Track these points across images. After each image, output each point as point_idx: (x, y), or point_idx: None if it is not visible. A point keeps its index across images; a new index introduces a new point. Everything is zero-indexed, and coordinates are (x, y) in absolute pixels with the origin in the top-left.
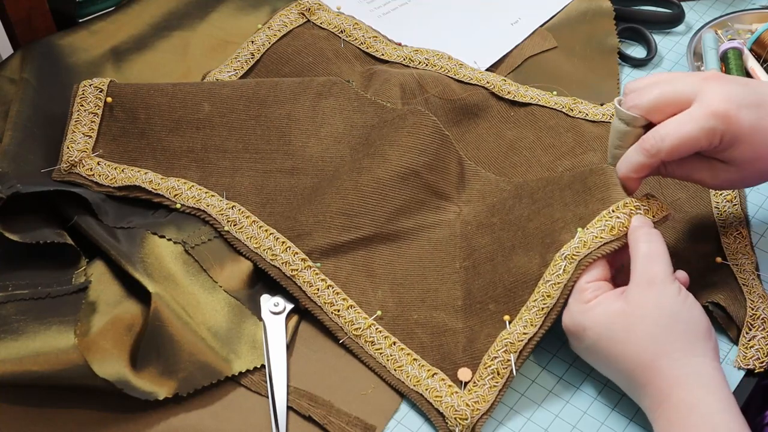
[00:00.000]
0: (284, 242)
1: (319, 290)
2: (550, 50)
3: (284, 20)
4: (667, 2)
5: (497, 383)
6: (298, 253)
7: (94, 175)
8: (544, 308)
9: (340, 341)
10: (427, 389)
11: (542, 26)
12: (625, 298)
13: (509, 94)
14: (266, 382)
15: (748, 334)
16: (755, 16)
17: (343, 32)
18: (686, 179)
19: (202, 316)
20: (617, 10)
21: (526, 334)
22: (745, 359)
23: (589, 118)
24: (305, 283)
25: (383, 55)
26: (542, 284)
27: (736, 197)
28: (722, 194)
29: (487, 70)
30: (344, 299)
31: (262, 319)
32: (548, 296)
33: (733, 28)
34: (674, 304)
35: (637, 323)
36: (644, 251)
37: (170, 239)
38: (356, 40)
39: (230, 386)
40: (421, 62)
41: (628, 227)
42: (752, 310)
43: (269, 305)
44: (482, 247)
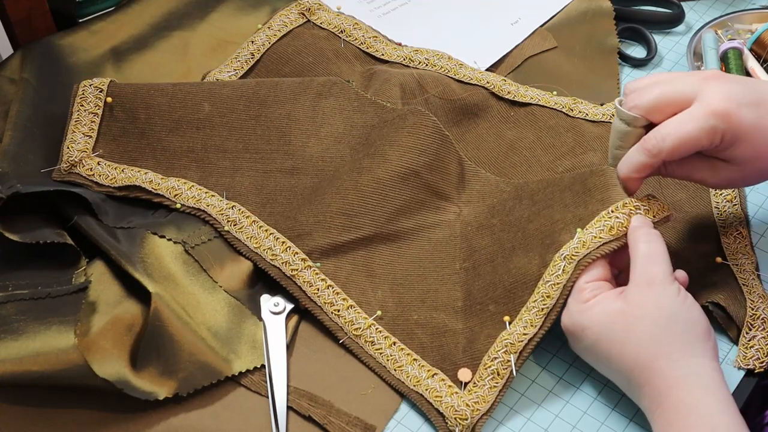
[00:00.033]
0: (284, 242)
1: (319, 290)
2: (550, 50)
3: (284, 20)
4: (667, 2)
5: (497, 384)
6: (298, 253)
7: (94, 175)
8: (543, 309)
9: (340, 341)
10: (427, 389)
11: (542, 26)
12: (624, 298)
13: (509, 94)
14: (266, 382)
15: (748, 334)
16: (755, 16)
17: (343, 32)
18: (687, 179)
19: (202, 316)
20: (617, 10)
21: (526, 334)
22: (745, 359)
23: (589, 118)
24: (305, 283)
25: (383, 55)
26: (542, 285)
27: (736, 197)
28: (722, 194)
29: (487, 70)
30: (344, 299)
31: (262, 319)
32: (548, 297)
33: (733, 28)
34: (673, 304)
35: (636, 323)
36: (644, 251)
37: (170, 239)
38: (356, 40)
39: (230, 386)
40: (421, 62)
41: (627, 227)
42: (752, 310)
43: (269, 305)
44: (482, 248)
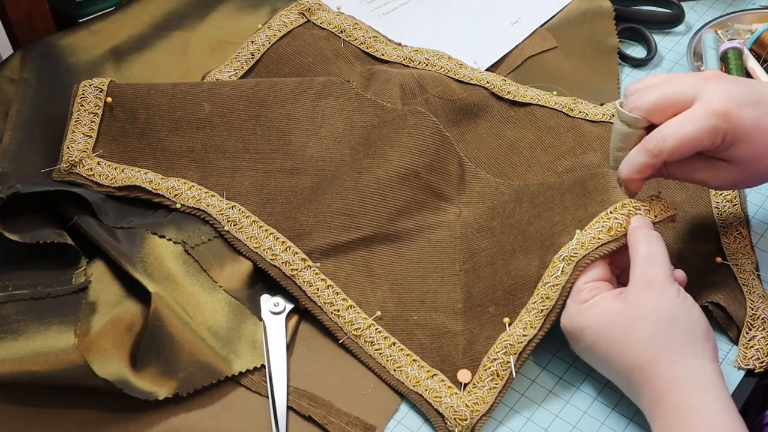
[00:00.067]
0: (284, 242)
1: (318, 290)
2: (550, 50)
3: (284, 20)
4: (667, 2)
5: (497, 385)
6: (298, 253)
7: (94, 175)
8: (543, 310)
9: (339, 341)
10: (426, 390)
11: (542, 26)
12: (623, 298)
13: (509, 94)
14: (266, 382)
15: (748, 334)
16: (755, 16)
17: (343, 32)
18: (688, 180)
19: (202, 316)
20: (617, 10)
21: (525, 336)
22: (745, 359)
23: (589, 118)
24: (305, 282)
25: (383, 55)
26: (541, 286)
27: (736, 197)
28: (722, 194)
29: (487, 70)
30: (344, 299)
31: (262, 319)
32: (547, 298)
33: (733, 28)
34: (673, 305)
35: (635, 324)
36: (644, 252)
37: (170, 239)
38: (356, 40)
39: (230, 386)
40: (421, 62)
41: (626, 228)
42: (752, 310)
43: (269, 305)
44: (482, 250)
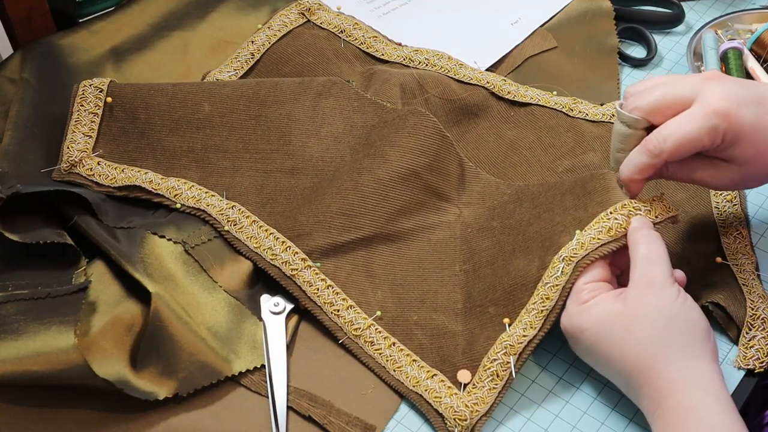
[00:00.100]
0: (284, 242)
1: (318, 290)
2: (550, 50)
3: (284, 20)
4: (667, 2)
5: (496, 385)
6: (298, 252)
7: (94, 175)
8: (543, 310)
9: (339, 341)
10: (426, 390)
11: (542, 26)
12: (623, 299)
13: (509, 94)
14: (266, 382)
15: (748, 334)
16: (755, 16)
17: (343, 32)
18: (688, 180)
19: (202, 316)
20: (617, 10)
21: (525, 336)
22: (745, 359)
23: (589, 118)
24: (305, 282)
25: (383, 55)
26: (541, 287)
27: (736, 197)
28: (722, 194)
29: (487, 70)
30: (344, 299)
31: (262, 319)
32: (547, 298)
33: (733, 28)
34: (673, 306)
35: (635, 325)
36: (644, 253)
37: (170, 239)
38: (356, 40)
39: (230, 386)
40: (421, 62)
41: (626, 228)
42: (752, 310)
43: (269, 305)
44: (483, 250)
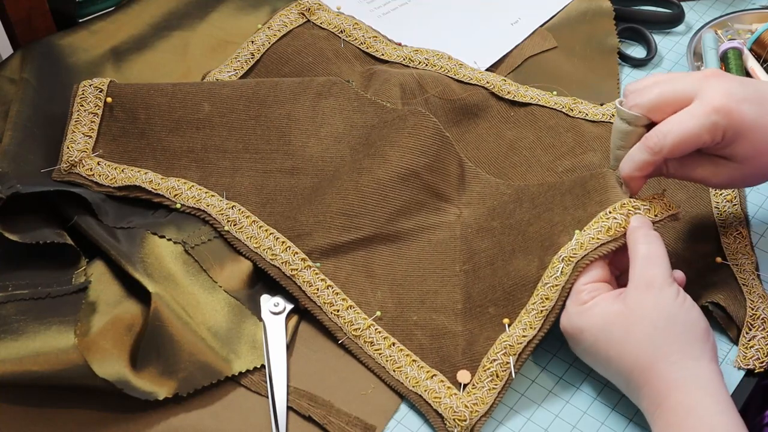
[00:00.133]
0: (284, 242)
1: (318, 290)
2: (550, 50)
3: (284, 20)
4: (667, 2)
5: (496, 386)
6: (297, 252)
7: (94, 175)
8: (543, 311)
9: (339, 341)
10: (426, 390)
11: (542, 26)
12: (623, 299)
13: (509, 94)
14: (266, 382)
15: (748, 334)
16: (755, 16)
17: (343, 32)
18: (689, 178)
19: (202, 316)
20: (617, 10)
21: (525, 336)
22: (745, 359)
23: (589, 118)
24: (305, 282)
25: (383, 55)
26: (541, 287)
27: (736, 197)
28: (722, 194)
29: (487, 70)
30: (344, 299)
31: (262, 319)
32: (547, 299)
33: (733, 28)
34: (672, 306)
35: (635, 325)
36: (643, 253)
37: (170, 239)
38: (356, 40)
39: (230, 386)
40: (421, 62)
41: (625, 227)
42: (752, 310)
43: (269, 305)
44: (482, 250)
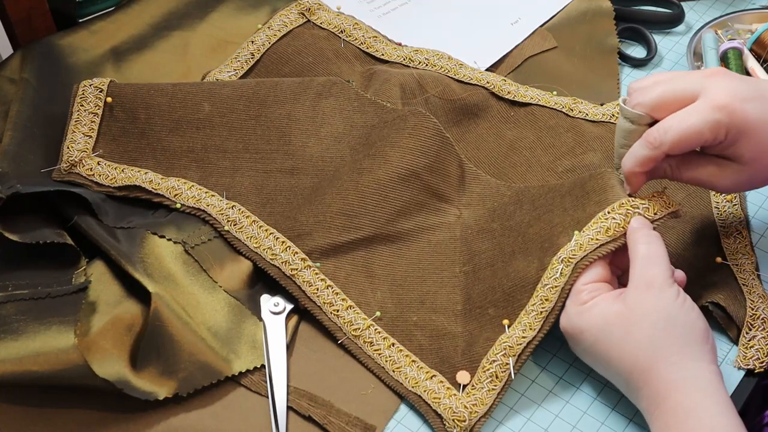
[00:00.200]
0: (284, 242)
1: (318, 290)
2: (550, 50)
3: (284, 20)
4: (667, 2)
5: (496, 386)
6: (297, 252)
7: (94, 175)
8: (542, 312)
9: (339, 341)
10: (425, 391)
11: (542, 26)
12: (623, 300)
13: (509, 94)
14: (266, 382)
15: (748, 334)
16: (755, 16)
17: (343, 32)
18: (693, 181)
19: (202, 316)
20: (617, 10)
21: (525, 337)
22: (745, 359)
23: (589, 118)
24: (305, 282)
25: (383, 55)
26: (540, 288)
27: (735, 197)
28: (722, 194)
29: (487, 70)
30: (343, 299)
31: (262, 319)
32: (546, 300)
33: (733, 28)
34: (672, 307)
35: (635, 326)
36: (643, 253)
37: (170, 239)
38: (356, 40)
39: (230, 386)
40: (421, 62)
41: (624, 228)
42: (752, 310)
43: (269, 305)
44: (482, 252)
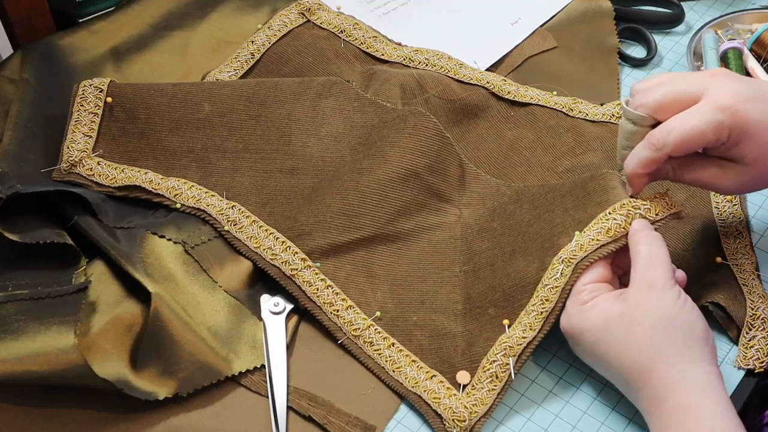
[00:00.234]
0: (284, 242)
1: (318, 290)
2: (550, 50)
3: (284, 20)
4: (667, 2)
5: (495, 387)
6: (297, 252)
7: (94, 175)
8: (543, 312)
9: (339, 341)
10: (425, 391)
11: (542, 26)
12: (623, 300)
13: (509, 94)
14: (266, 382)
15: (748, 334)
16: (755, 16)
17: (343, 32)
18: (696, 183)
19: (202, 316)
20: (617, 10)
21: (525, 338)
22: (745, 359)
23: (589, 118)
24: (305, 282)
25: (383, 55)
26: (541, 288)
27: (736, 197)
28: (722, 194)
29: (487, 70)
30: (343, 299)
31: (262, 319)
32: (547, 300)
33: (733, 28)
34: (673, 308)
35: (635, 326)
36: (645, 254)
37: (170, 239)
38: (356, 40)
39: (230, 386)
40: (421, 62)
41: (625, 228)
42: (752, 310)
43: (269, 305)
44: (482, 251)
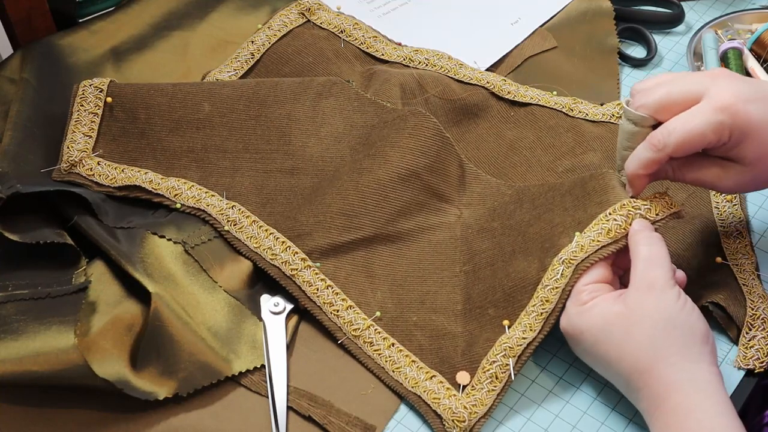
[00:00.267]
0: (284, 242)
1: (318, 290)
2: (550, 50)
3: (284, 20)
4: (667, 2)
5: (495, 387)
6: (297, 252)
7: (94, 175)
8: (543, 313)
9: (339, 341)
10: (425, 391)
11: (542, 26)
12: (623, 301)
13: (509, 94)
14: (266, 382)
15: (748, 334)
16: (755, 16)
17: (343, 32)
18: (696, 182)
19: (202, 316)
20: (617, 10)
21: (525, 338)
22: (745, 359)
23: (589, 118)
24: (305, 282)
25: (383, 55)
26: (541, 289)
27: (736, 197)
28: (722, 194)
29: (487, 70)
30: (343, 299)
31: (262, 319)
32: (547, 301)
33: (733, 28)
34: (673, 309)
35: (635, 326)
36: (645, 255)
37: (170, 239)
38: (356, 40)
39: (230, 386)
40: (421, 62)
41: (625, 229)
42: (752, 310)
43: (269, 305)
44: (483, 251)
